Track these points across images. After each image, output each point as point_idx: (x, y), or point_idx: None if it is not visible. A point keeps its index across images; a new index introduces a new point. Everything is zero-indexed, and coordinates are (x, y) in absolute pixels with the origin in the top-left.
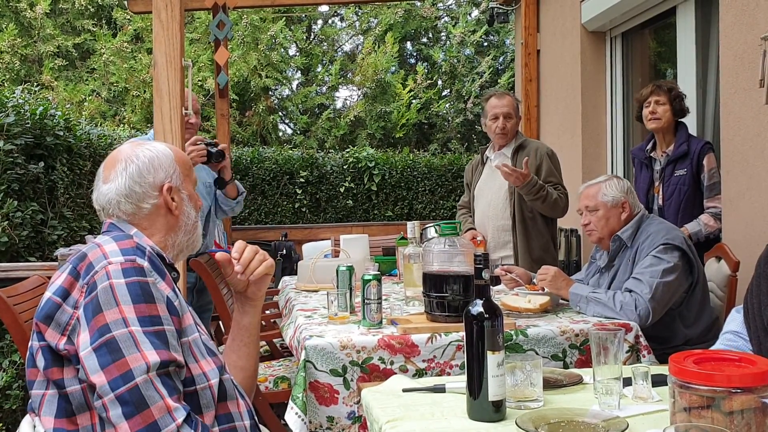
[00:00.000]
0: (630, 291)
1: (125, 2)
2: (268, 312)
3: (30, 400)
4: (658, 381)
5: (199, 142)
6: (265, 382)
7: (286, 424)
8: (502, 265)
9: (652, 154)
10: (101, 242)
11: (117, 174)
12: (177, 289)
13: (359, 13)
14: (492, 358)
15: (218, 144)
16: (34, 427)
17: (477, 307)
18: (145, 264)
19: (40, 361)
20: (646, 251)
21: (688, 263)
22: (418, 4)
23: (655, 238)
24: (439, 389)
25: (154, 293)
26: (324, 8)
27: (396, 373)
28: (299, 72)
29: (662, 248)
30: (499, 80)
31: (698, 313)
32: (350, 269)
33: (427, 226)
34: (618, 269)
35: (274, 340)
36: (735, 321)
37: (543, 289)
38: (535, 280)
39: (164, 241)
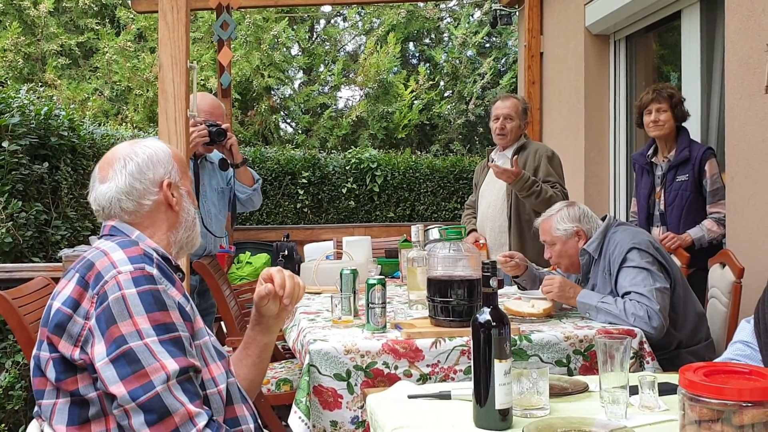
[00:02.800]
0: (638, 302)
1: (129, 1)
2: None
3: (37, 408)
4: (664, 389)
5: (198, 123)
6: (267, 385)
7: (287, 426)
8: (503, 254)
9: (653, 160)
10: (107, 249)
11: (116, 172)
12: (187, 294)
13: (362, 14)
14: (499, 367)
15: (220, 124)
16: (42, 431)
17: (484, 315)
18: (155, 272)
19: (51, 373)
20: (617, 260)
21: (661, 265)
22: (421, 5)
23: (623, 245)
24: (445, 396)
25: (166, 300)
26: (327, 8)
27: (400, 378)
28: (301, 72)
29: (634, 253)
30: (500, 81)
31: (684, 313)
32: (354, 273)
33: (430, 226)
34: (596, 283)
35: (276, 342)
36: (745, 330)
37: None
38: (541, 289)
39: (166, 238)
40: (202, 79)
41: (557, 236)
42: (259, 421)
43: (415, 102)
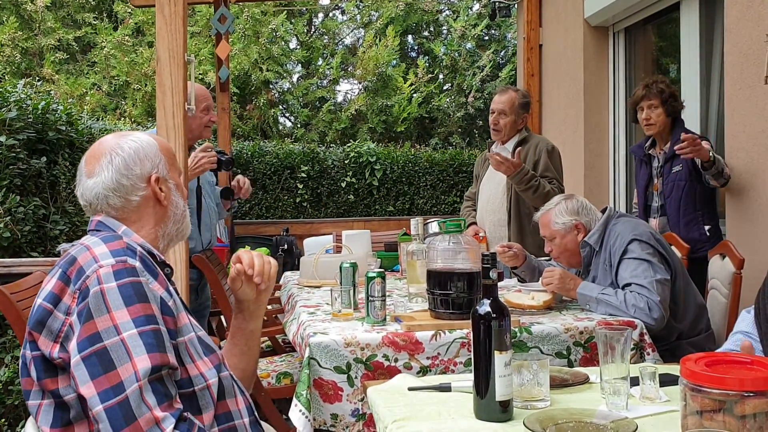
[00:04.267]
0: (638, 293)
1: None
2: (270, 307)
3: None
4: (665, 381)
5: (209, 149)
6: (268, 378)
7: (288, 419)
8: (501, 245)
9: (650, 152)
10: (90, 244)
11: (102, 167)
12: (170, 289)
13: (360, 7)
14: (499, 358)
15: (228, 153)
16: (39, 428)
17: (484, 307)
18: (137, 264)
19: (33, 372)
20: (618, 251)
21: (662, 256)
22: None
23: (624, 237)
24: (445, 388)
25: (147, 293)
26: (325, 1)
27: (400, 371)
28: (300, 65)
29: (635, 244)
30: (499, 74)
31: (685, 305)
32: (354, 266)
33: (429, 220)
34: (597, 275)
35: (276, 336)
36: (745, 321)
37: None
38: (541, 281)
39: (154, 233)
40: (200, 73)
41: (556, 230)
42: (256, 413)
43: (414, 95)
